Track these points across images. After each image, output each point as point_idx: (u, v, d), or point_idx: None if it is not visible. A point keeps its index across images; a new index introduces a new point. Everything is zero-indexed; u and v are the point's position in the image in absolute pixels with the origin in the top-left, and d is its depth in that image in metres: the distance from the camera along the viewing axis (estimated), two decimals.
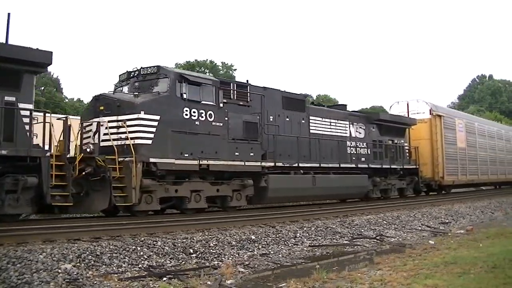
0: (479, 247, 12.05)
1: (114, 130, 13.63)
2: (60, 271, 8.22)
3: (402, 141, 25.77)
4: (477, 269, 9.01)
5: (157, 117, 13.76)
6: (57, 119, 14.15)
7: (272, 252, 11.83)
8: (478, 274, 8.59)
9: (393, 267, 9.60)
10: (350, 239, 14.19)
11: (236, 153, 15.95)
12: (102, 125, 13.72)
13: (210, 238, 11.84)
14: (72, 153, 13.60)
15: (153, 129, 13.68)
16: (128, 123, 13.44)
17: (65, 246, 9.47)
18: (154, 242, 10.71)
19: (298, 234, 13.77)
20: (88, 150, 12.89)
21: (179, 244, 10.90)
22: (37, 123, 12.24)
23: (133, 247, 10.15)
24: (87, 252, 9.32)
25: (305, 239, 13.45)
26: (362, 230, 15.47)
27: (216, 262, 10.27)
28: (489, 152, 34.48)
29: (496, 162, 35.37)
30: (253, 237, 12.65)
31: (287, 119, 18.55)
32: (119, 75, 15.83)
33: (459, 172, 29.51)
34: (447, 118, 29.06)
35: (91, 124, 14.10)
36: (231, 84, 17.23)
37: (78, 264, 8.78)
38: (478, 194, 31.91)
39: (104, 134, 13.62)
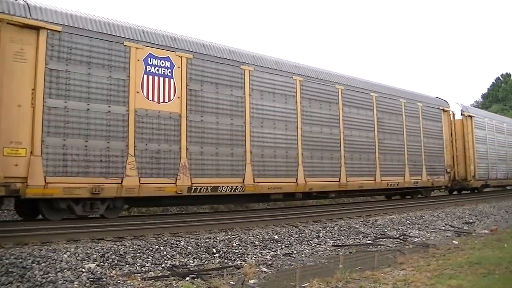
0: (504, 247, 11.88)
1: None
2: (84, 270, 8.30)
3: None
4: (502, 269, 8.89)
5: None
6: None
7: (295, 251, 11.79)
8: (503, 275, 8.46)
9: (417, 267, 9.49)
10: (373, 238, 14.09)
11: None
12: None
13: (233, 237, 11.87)
14: None
15: None
16: None
17: (89, 246, 9.57)
18: (177, 242, 10.76)
19: (321, 233, 13.73)
20: None
21: (202, 244, 10.94)
22: None
23: (156, 246, 10.21)
24: (111, 252, 9.40)
25: (328, 239, 13.40)
26: (385, 230, 15.37)
27: (239, 262, 10.26)
28: (289, 130, 16.47)
29: (323, 149, 17.65)
30: (276, 236, 12.64)
31: None
32: None
33: (137, 169, 12.47)
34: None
35: None
36: None
37: (101, 263, 8.86)
38: (502, 193, 31.11)
39: None
